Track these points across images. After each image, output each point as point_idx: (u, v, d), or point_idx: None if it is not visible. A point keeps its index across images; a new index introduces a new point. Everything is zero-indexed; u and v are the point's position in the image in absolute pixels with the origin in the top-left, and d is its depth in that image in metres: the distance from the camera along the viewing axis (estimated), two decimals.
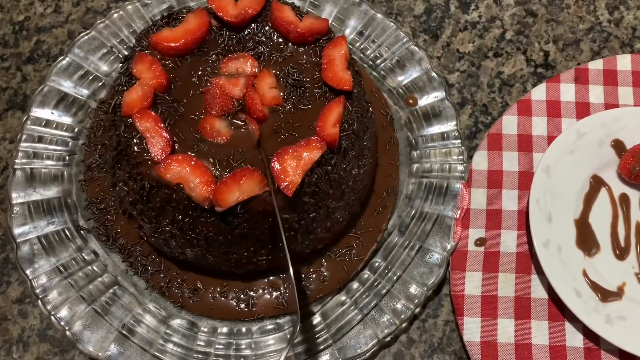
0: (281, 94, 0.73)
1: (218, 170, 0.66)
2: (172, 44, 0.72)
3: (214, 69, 0.74)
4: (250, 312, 0.76)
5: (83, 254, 0.79)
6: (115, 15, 0.92)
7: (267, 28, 0.77)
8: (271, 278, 0.78)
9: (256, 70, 0.74)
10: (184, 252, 0.74)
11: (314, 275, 0.79)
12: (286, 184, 0.65)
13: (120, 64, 0.78)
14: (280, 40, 0.76)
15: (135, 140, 0.68)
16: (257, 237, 0.70)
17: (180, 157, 0.65)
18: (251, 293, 0.77)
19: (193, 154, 0.67)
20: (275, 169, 0.66)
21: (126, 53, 0.85)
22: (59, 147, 0.85)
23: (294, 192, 0.66)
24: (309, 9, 0.94)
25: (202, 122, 0.70)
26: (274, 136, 0.70)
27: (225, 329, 0.76)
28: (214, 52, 0.75)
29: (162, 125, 0.67)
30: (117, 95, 0.71)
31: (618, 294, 0.76)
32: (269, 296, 0.77)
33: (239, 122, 0.71)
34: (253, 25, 0.77)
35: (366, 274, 0.79)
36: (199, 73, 0.74)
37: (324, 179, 0.70)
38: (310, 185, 0.69)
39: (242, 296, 0.77)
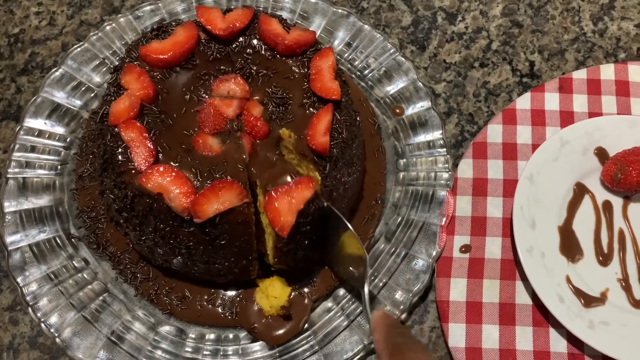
0: (268, 117, 0.75)
1: (199, 181, 0.68)
2: (161, 56, 0.74)
3: (206, 87, 0.77)
4: (237, 320, 0.77)
5: (74, 262, 0.80)
6: (108, 27, 0.94)
7: (254, 41, 0.78)
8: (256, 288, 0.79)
9: (246, 91, 0.76)
10: (168, 261, 0.75)
11: (303, 282, 0.80)
12: (280, 225, 0.67)
13: (110, 75, 0.79)
14: (268, 53, 0.78)
15: (120, 150, 0.69)
16: (237, 247, 0.71)
17: (161, 168, 0.67)
18: (237, 301, 0.78)
19: (176, 165, 0.68)
20: (268, 211, 0.67)
21: None
22: (51, 157, 0.86)
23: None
24: (298, 21, 0.96)
25: (195, 137, 0.72)
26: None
27: (212, 336, 0.77)
28: (205, 70, 0.77)
29: (147, 135, 0.69)
30: (105, 104, 0.73)
31: (601, 299, 0.76)
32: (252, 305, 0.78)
33: (234, 138, 0.73)
34: (241, 38, 0.79)
35: None
36: (191, 90, 0.76)
37: (316, 210, 0.70)
38: (305, 216, 0.70)
39: (227, 304, 0.78)
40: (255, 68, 0.78)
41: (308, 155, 0.72)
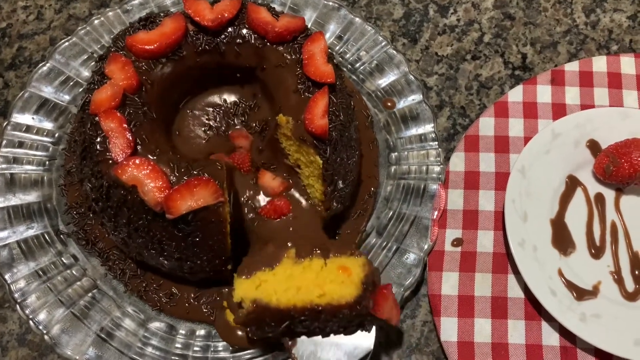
0: (283, 177, 0.78)
1: (175, 177, 0.67)
2: (147, 47, 0.73)
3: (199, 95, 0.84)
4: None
5: (62, 258, 0.79)
6: (96, 21, 0.93)
7: (244, 31, 0.78)
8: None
9: (247, 150, 0.83)
10: (141, 254, 0.74)
11: None
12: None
13: (95, 63, 0.79)
14: (259, 42, 0.77)
15: (98, 139, 0.69)
16: (210, 246, 0.70)
17: (137, 160, 0.66)
18: (217, 303, 0.77)
19: (154, 158, 0.68)
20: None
21: None
22: (40, 152, 0.85)
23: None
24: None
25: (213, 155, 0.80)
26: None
27: (202, 332, 0.76)
28: (193, 64, 0.78)
29: (126, 126, 0.68)
30: (89, 93, 0.72)
31: (593, 292, 0.76)
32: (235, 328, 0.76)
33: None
34: (230, 28, 0.78)
35: None
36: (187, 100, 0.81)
37: None
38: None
39: (210, 301, 0.77)
40: (244, 105, 0.83)
41: (307, 140, 0.71)
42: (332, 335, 0.68)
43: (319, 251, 0.68)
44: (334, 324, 0.67)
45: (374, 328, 0.69)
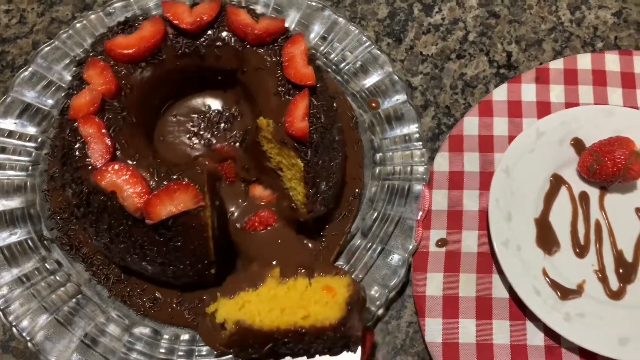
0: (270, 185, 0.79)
1: (155, 182, 0.67)
2: (125, 51, 0.73)
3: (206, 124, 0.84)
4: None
5: (46, 264, 0.79)
6: (79, 25, 0.92)
7: (224, 33, 0.77)
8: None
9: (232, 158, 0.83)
10: (124, 259, 0.74)
11: None
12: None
13: (74, 68, 0.78)
14: (238, 44, 0.77)
15: (77, 145, 0.68)
16: (192, 251, 0.70)
17: (116, 166, 0.66)
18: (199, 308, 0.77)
19: (133, 163, 0.67)
20: None
21: None
22: (23, 158, 0.85)
23: None
24: (272, 15, 0.94)
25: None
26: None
27: (187, 336, 0.76)
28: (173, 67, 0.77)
29: (105, 131, 0.68)
30: (68, 98, 0.72)
31: (578, 291, 0.76)
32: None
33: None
34: (210, 31, 0.77)
35: None
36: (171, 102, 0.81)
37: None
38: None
39: (192, 307, 0.77)
40: (228, 113, 0.84)
41: (288, 143, 0.71)
42: (317, 356, 0.68)
43: (303, 270, 0.67)
44: (319, 345, 0.66)
45: (359, 348, 0.68)
